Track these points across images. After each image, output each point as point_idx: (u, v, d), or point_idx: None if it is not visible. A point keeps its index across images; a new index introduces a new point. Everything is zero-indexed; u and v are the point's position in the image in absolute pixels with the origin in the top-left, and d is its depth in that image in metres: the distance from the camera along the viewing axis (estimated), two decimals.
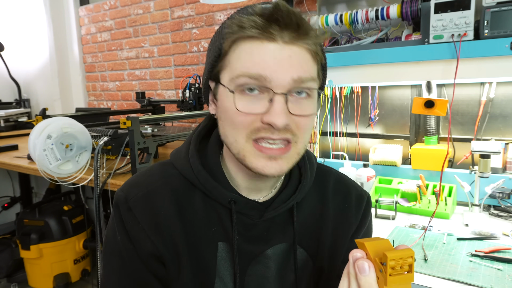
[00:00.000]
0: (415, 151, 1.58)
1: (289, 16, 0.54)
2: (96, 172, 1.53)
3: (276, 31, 0.54)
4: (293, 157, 0.59)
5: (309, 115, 0.58)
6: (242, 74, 0.55)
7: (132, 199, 0.64)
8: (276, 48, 0.55)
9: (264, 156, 0.57)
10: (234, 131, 0.58)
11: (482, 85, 1.51)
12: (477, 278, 0.97)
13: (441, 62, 1.31)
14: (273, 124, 0.54)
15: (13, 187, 3.25)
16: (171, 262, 0.64)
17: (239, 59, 0.56)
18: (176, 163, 0.68)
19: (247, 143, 0.57)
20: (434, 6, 1.29)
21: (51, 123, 1.47)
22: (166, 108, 2.60)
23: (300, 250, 0.69)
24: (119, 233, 0.64)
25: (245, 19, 0.55)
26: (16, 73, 3.31)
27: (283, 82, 0.55)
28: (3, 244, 2.61)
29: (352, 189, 0.76)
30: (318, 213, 0.71)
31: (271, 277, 0.67)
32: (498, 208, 1.40)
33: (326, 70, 0.65)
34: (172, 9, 2.57)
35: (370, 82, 1.66)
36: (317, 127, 1.94)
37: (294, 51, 0.56)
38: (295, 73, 0.55)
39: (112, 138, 1.58)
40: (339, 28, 1.75)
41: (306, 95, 0.58)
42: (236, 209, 0.64)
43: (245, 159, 0.58)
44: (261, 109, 0.56)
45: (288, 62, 0.55)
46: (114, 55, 2.99)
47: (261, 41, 0.55)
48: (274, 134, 0.56)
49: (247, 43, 0.56)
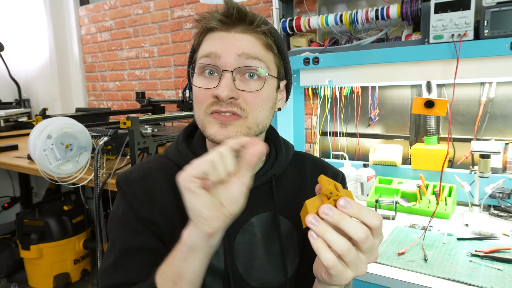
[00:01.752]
0: (415, 151, 1.58)
1: (235, 10, 0.65)
2: (96, 172, 1.53)
3: (232, 23, 0.65)
4: (243, 128, 0.66)
5: (254, 90, 0.66)
6: (200, 56, 0.67)
7: (131, 179, 0.73)
8: (228, 35, 0.66)
9: (216, 123, 0.65)
10: (197, 108, 0.68)
11: (482, 85, 1.51)
12: (477, 278, 0.97)
13: (441, 62, 1.31)
14: (218, 95, 0.63)
15: (13, 187, 3.25)
16: (166, 230, 0.70)
17: (202, 48, 0.68)
18: (168, 154, 0.78)
19: (206, 117, 0.66)
20: (434, 6, 1.29)
21: (51, 123, 1.47)
22: (166, 108, 2.60)
23: (285, 220, 0.75)
24: (121, 204, 0.73)
25: (206, 14, 0.67)
26: (16, 73, 3.31)
27: (229, 59, 0.65)
28: (3, 244, 2.61)
29: (328, 168, 0.83)
30: (298, 188, 0.78)
31: (258, 243, 0.72)
32: (498, 208, 1.40)
33: (287, 61, 0.74)
34: (172, 9, 2.57)
35: (370, 82, 1.66)
36: (317, 127, 1.94)
37: (244, 37, 0.66)
38: (240, 49, 0.65)
39: (112, 138, 1.58)
40: (339, 28, 1.75)
41: (257, 77, 0.66)
42: None
43: (205, 129, 0.67)
44: (212, 85, 0.65)
45: (236, 43, 0.65)
46: (114, 55, 2.99)
47: (218, 31, 0.67)
48: (222, 106, 0.64)
49: (208, 35, 0.68)
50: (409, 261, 1.07)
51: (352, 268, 0.50)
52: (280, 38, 0.71)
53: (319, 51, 1.64)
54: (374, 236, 0.50)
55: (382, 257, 1.10)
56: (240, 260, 0.71)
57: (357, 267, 0.50)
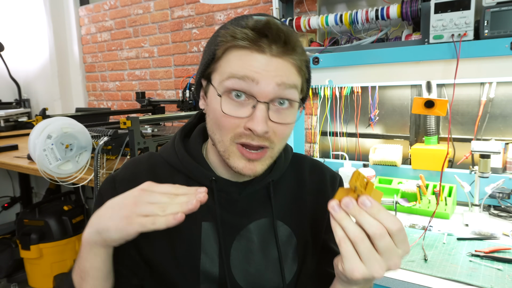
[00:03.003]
0: (415, 151, 1.58)
1: (278, 33, 0.59)
2: (96, 172, 1.53)
3: (265, 44, 0.59)
4: (267, 160, 0.66)
5: (288, 123, 0.64)
6: (230, 76, 0.60)
7: (118, 180, 0.71)
8: (264, 58, 0.60)
9: (244, 159, 0.63)
10: (220, 131, 0.64)
11: (482, 85, 1.51)
12: (477, 278, 0.97)
13: (441, 62, 1.31)
14: (254, 130, 0.60)
15: (13, 187, 3.25)
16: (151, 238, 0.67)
17: (229, 64, 0.62)
18: (162, 153, 0.76)
19: (231, 146, 0.63)
20: (434, 6, 1.29)
21: (51, 123, 1.47)
22: (166, 108, 2.60)
23: (284, 226, 0.74)
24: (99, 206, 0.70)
25: (238, 31, 0.60)
26: (16, 73, 3.31)
27: (267, 88, 0.60)
28: (3, 244, 2.61)
29: (326, 170, 0.83)
30: (296, 193, 0.77)
31: (255, 249, 0.71)
32: (498, 208, 1.40)
33: (310, 85, 0.71)
34: (172, 9, 2.57)
35: (370, 82, 1.66)
36: (317, 127, 1.94)
37: (280, 62, 0.61)
38: (279, 79, 0.60)
39: (112, 138, 1.58)
40: (339, 28, 1.75)
41: (288, 105, 0.63)
42: (217, 187, 0.69)
43: (229, 158, 0.64)
44: (244, 114, 0.61)
45: (273, 70, 0.60)
46: (114, 55, 2.99)
47: (251, 51, 0.60)
48: (254, 140, 0.62)
49: (238, 52, 0.61)
50: (409, 261, 1.07)
51: (366, 263, 0.51)
52: (307, 57, 0.67)
53: (319, 51, 1.64)
54: (395, 241, 0.51)
55: None
56: (236, 266, 0.70)
57: (371, 264, 0.51)
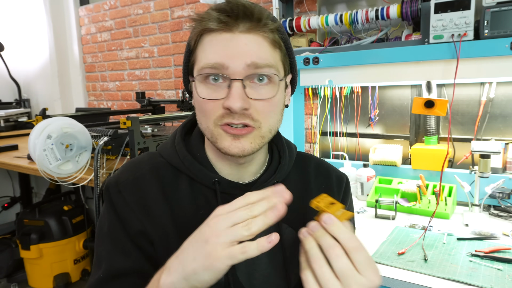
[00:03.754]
0: (415, 151, 1.58)
1: (241, 9, 0.59)
2: (96, 172, 1.53)
3: (231, 22, 0.59)
4: (257, 138, 0.63)
5: (267, 98, 0.62)
6: (204, 66, 0.61)
7: (122, 183, 0.68)
8: (232, 37, 0.59)
9: (229, 136, 0.62)
10: (204, 118, 0.63)
11: (482, 85, 1.51)
12: (477, 278, 0.97)
13: (441, 62, 1.31)
14: (230, 108, 0.59)
15: (13, 187, 3.25)
16: (159, 242, 0.66)
17: (203, 51, 0.62)
18: (162, 153, 0.72)
19: (216, 128, 0.62)
20: (434, 6, 1.29)
21: (51, 123, 1.47)
22: (166, 108, 2.60)
23: (289, 229, 0.72)
24: (109, 215, 0.67)
25: (204, 14, 0.61)
26: (16, 73, 3.31)
27: (238, 68, 0.59)
28: (3, 244, 2.61)
29: (332, 171, 0.81)
30: (302, 194, 0.74)
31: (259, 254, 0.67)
32: (498, 208, 1.40)
33: (292, 56, 0.70)
34: (172, 9, 2.57)
35: (370, 82, 1.66)
36: (317, 127, 1.94)
37: (250, 39, 0.60)
38: (249, 58, 0.59)
39: (112, 138, 1.58)
40: (339, 28, 1.75)
41: (267, 81, 0.62)
42: (221, 189, 0.68)
43: (216, 141, 0.63)
44: (221, 95, 0.60)
45: (243, 49, 0.59)
46: (114, 55, 2.99)
47: (220, 33, 0.60)
48: (234, 118, 0.60)
49: (208, 36, 0.61)
50: (409, 261, 1.07)
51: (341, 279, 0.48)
52: (285, 33, 0.66)
53: (319, 51, 1.64)
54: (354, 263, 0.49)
55: (382, 257, 1.10)
56: (242, 270, 0.68)
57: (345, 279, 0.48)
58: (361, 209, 1.51)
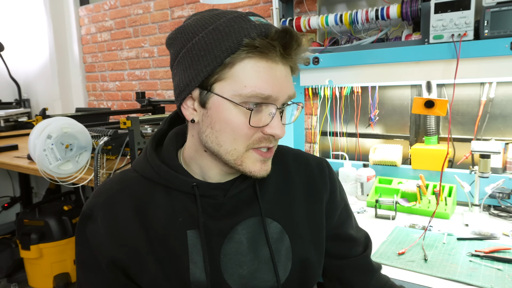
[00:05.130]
0: (415, 151, 1.58)
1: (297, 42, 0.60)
2: (96, 172, 1.53)
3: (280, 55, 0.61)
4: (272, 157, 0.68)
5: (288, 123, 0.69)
6: (255, 95, 0.60)
7: (95, 209, 0.68)
8: (278, 68, 0.61)
9: (260, 161, 0.65)
10: (234, 141, 0.62)
11: (482, 85, 1.51)
12: (477, 278, 0.97)
13: (441, 62, 1.31)
14: (276, 135, 0.63)
15: (13, 187, 3.25)
16: (132, 264, 0.66)
17: (247, 75, 0.59)
18: (136, 167, 0.72)
19: (247, 152, 0.64)
20: (434, 6, 1.29)
21: (51, 123, 1.47)
22: (166, 108, 2.60)
23: (273, 223, 0.72)
24: (82, 243, 0.69)
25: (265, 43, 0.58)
26: (16, 73, 3.31)
27: (283, 100, 0.63)
28: (3, 244, 2.61)
29: (310, 158, 0.82)
30: (283, 187, 0.76)
31: (244, 250, 0.68)
32: (498, 208, 1.40)
33: None
34: (172, 9, 2.57)
35: (370, 82, 1.66)
36: (317, 127, 1.94)
37: (287, 70, 0.64)
38: (291, 91, 0.64)
39: (112, 138, 1.58)
40: (339, 28, 1.75)
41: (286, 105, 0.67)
42: (200, 193, 0.67)
43: (242, 164, 0.64)
44: (265, 123, 0.63)
45: (285, 81, 0.63)
46: (114, 55, 2.99)
47: (266, 61, 0.60)
48: (272, 143, 0.65)
49: (253, 60, 0.60)
50: (409, 261, 1.07)
51: None
52: None
53: (319, 51, 1.64)
54: None
55: (382, 257, 1.10)
56: (227, 271, 0.67)
57: None
58: (361, 209, 1.51)
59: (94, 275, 0.69)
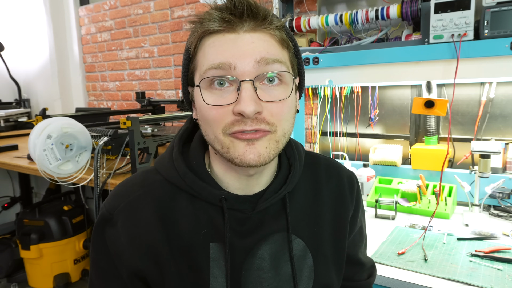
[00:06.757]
0: (415, 151, 1.58)
1: (244, 5, 0.54)
2: (96, 172, 1.53)
3: (234, 22, 0.54)
4: (272, 143, 0.57)
5: (280, 100, 0.56)
6: (208, 68, 0.55)
7: (115, 213, 0.63)
8: (237, 37, 0.55)
9: (242, 142, 0.55)
10: (211, 128, 0.57)
11: (482, 85, 1.51)
12: (477, 278, 0.97)
13: (441, 62, 1.31)
14: (243, 112, 0.53)
15: (13, 187, 3.25)
16: (153, 273, 0.63)
17: (204, 55, 0.57)
18: (160, 169, 0.66)
19: (226, 138, 0.56)
20: (434, 6, 1.29)
21: (51, 123, 1.47)
22: (166, 108, 2.60)
23: (297, 240, 0.67)
24: (100, 251, 0.65)
25: (204, 15, 0.56)
26: (16, 73, 3.31)
27: (247, 67, 0.54)
28: (3, 244, 2.61)
29: (342, 172, 0.76)
30: (313, 201, 0.70)
31: (266, 267, 0.64)
32: (498, 208, 1.40)
33: (300, 57, 0.65)
34: (172, 9, 2.57)
35: (370, 82, 1.66)
36: (317, 127, 1.94)
37: (256, 37, 0.55)
38: (258, 55, 0.54)
39: (112, 138, 1.58)
40: (339, 28, 1.75)
41: (278, 81, 0.57)
42: (228, 205, 0.63)
43: (228, 151, 0.56)
44: (230, 100, 0.54)
45: (250, 47, 0.54)
46: (114, 55, 2.99)
47: (223, 34, 0.55)
48: (247, 124, 0.54)
49: (210, 39, 0.56)
50: (409, 261, 1.07)
51: None
52: (291, 32, 0.62)
53: (319, 51, 1.64)
54: None
55: (382, 257, 1.10)
56: (248, 287, 0.64)
57: None
58: None
59: (112, 284, 0.65)
